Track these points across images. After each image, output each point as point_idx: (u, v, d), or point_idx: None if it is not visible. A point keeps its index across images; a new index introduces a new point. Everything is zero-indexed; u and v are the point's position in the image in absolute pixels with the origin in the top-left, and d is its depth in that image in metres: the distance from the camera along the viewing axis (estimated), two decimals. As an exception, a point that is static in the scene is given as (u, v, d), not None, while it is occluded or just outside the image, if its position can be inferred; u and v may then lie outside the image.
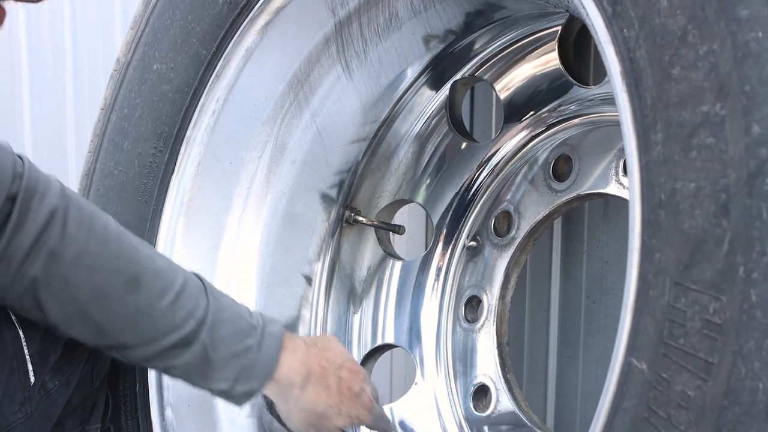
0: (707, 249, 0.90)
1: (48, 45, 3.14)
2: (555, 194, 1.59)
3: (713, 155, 0.91)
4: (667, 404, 0.92)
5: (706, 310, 0.90)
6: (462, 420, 1.65)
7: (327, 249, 1.73)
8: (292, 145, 1.63)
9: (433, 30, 1.54)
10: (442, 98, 1.67)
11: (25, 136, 3.31)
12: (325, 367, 1.40)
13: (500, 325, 1.66)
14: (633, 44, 1.00)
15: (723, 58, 0.92)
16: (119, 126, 1.65)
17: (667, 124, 0.96)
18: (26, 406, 1.39)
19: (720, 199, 0.90)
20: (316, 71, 1.57)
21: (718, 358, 0.88)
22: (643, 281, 0.96)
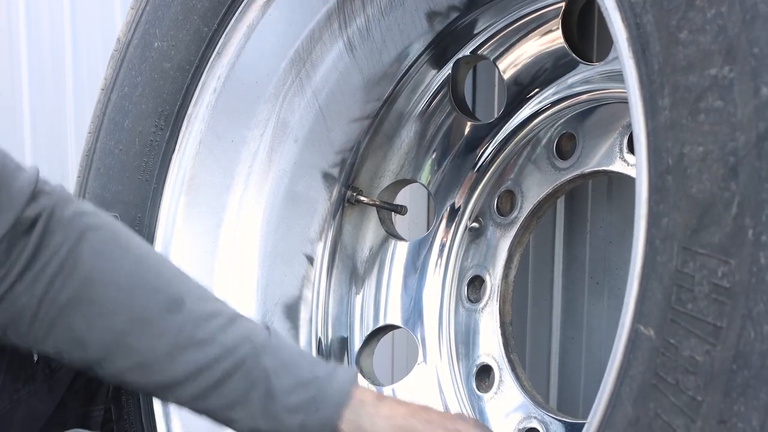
0: (715, 213, 0.89)
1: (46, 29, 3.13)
2: (558, 172, 1.58)
3: (722, 118, 0.90)
4: (675, 370, 0.91)
5: (715, 274, 0.89)
6: (465, 400, 1.65)
7: (329, 229, 1.72)
8: (294, 123, 1.62)
9: (436, 6, 1.53)
10: (444, 77, 1.66)
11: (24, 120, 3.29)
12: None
13: (503, 304, 1.65)
14: (639, 10, 0.99)
15: (731, 20, 0.91)
16: (120, 105, 1.64)
17: (674, 89, 0.95)
18: (30, 384, 1.38)
19: (728, 162, 0.89)
20: (318, 48, 1.56)
21: (726, 322, 0.87)
22: (651, 247, 0.95)
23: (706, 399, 0.88)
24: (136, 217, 1.59)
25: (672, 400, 0.90)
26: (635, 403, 0.94)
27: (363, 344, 1.74)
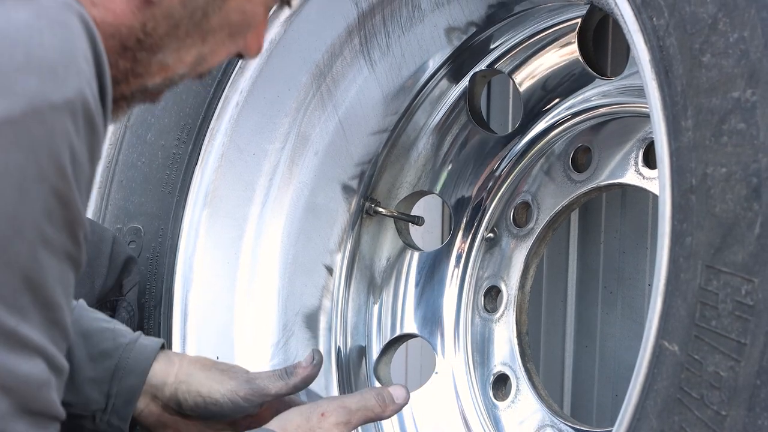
0: (739, 232, 0.92)
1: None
2: (574, 185, 1.61)
3: (744, 140, 0.93)
4: (699, 385, 0.94)
5: (738, 292, 0.92)
6: (482, 409, 1.67)
7: (348, 240, 1.74)
8: (314, 136, 1.64)
9: (455, 22, 1.55)
10: (461, 90, 1.69)
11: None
12: None
13: (520, 314, 1.67)
14: (662, 33, 1.02)
15: (753, 45, 0.94)
16: (142, 118, 1.66)
17: (697, 111, 0.98)
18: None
19: (751, 183, 0.92)
20: (339, 63, 1.59)
21: (750, 338, 0.90)
22: (674, 265, 0.98)
23: (731, 413, 0.90)
24: (159, 229, 1.61)
25: (697, 414, 0.93)
26: (660, 416, 0.97)
27: (380, 353, 1.76)
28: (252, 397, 1.29)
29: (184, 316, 1.61)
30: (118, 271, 1.56)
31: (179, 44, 0.97)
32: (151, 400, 1.31)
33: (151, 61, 0.97)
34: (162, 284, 1.61)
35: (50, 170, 0.79)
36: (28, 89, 0.77)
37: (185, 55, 0.98)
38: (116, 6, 0.92)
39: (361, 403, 1.26)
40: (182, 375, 1.31)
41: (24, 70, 0.77)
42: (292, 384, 1.31)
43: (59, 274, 0.84)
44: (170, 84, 1.02)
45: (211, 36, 0.99)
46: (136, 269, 1.58)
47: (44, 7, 0.80)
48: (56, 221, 0.81)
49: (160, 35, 0.95)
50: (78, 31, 0.82)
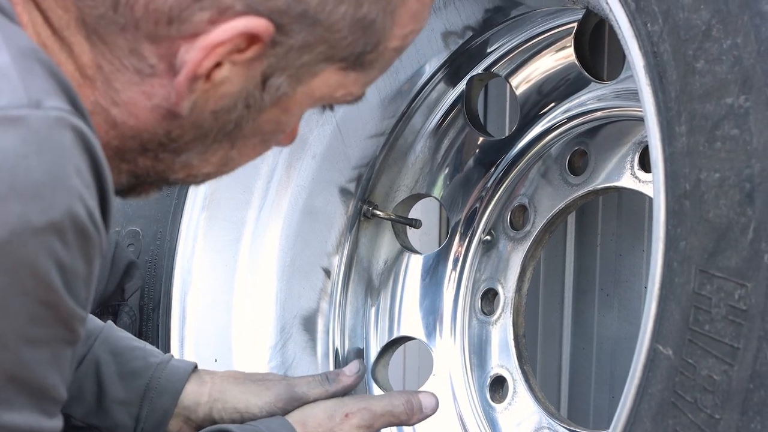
0: (732, 237, 0.93)
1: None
2: (571, 188, 1.62)
3: (738, 146, 0.94)
4: (693, 388, 0.94)
5: (732, 297, 0.92)
6: (479, 411, 1.68)
7: (345, 242, 1.75)
8: (312, 140, 1.65)
9: (452, 26, 1.56)
10: (458, 94, 1.70)
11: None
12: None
13: (516, 317, 1.68)
14: (657, 39, 1.03)
15: (747, 51, 0.94)
16: (140, 122, 1.67)
17: (691, 116, 0.98)
18: None
19: (745, 188, 0.92)
20: (337, 67, 1.59)
21: (743, 343, 0.91)
22: (668, 269, 0.98)
23: (724, 417, 0.91)
24: (157, 232, 1.62)
25: (690, 418, 0.94)
26: (654, 419, 0.97)
27: (378, 356, 1.77)
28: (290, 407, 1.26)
29: (183, 318, 1.61)
30: (120, 275, 1.57)
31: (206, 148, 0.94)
32: (184, 422, 1.26)
33: (174, 161, 0.94)
34: (160, 287, 1.62)
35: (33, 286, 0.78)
36: (10, 217, 0.76)
37: (211, 157, 0.96)
38: (140, 112, 0.89)
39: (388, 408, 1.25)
40: (216, 393, 1.26)
41: (7, 198, 0.76)
42: (332, 391, 1.29)
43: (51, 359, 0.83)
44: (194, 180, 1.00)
45: (242, 141, 0.96)
46: (138, 274, 1.59)
47: (33, 128, 0.77)
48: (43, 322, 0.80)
49: (186, 141, 0.93)
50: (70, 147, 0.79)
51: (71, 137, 0.79)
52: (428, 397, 1.29)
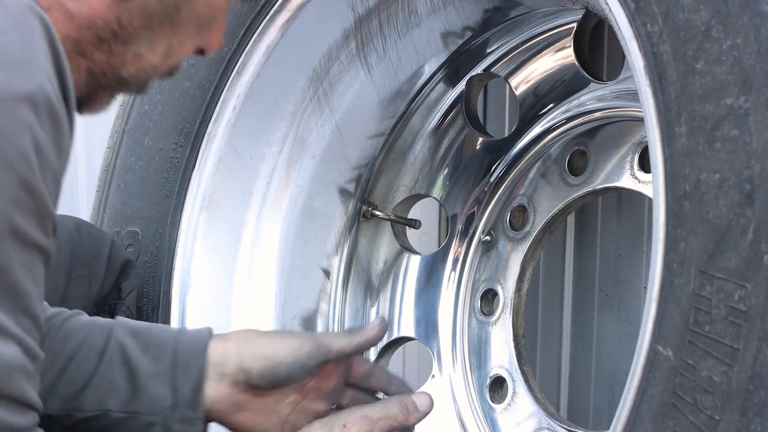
0: (732, 238, 0.93)
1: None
2: (570, 188, 1.62)
3: (737, 146, 0.93)
4: (693, 389, 0.94)
5: (732, 298, 0.92)
6: (479, 412, 1.68)
7: (345, 243, 1.75)
8: (311, 140, 1.65)
9: (452, 27, 1.56)
10: (457, 94, 1.69)
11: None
12: None
13: (516, 317, 1.68)
14: (657, 39, 1.03)
15: (747, 51, 0.94)
16: (140, 122, 1.67)
17: (691, 117, 0.98)
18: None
19: (744, 189, 0.92)
20: (336, 67, 1.59)
21: (743, 344, 0.91)
22: (668, 270, 0.98)
23: (724, 418, 0.91)
24: (156, 232, 1.62)
25: (690, 419, 0.94)
26: (654, 420, 0.97)
27: (378, 356, 1.77)
28: (317, 353, 1.25)
29: (182, 319, 1.61)
30: (116, 274, 1.56)
31: (152, 35, 1.04)
32: (219, 380, 1.24)
33: (125, 52, 1.04)
34: (160, 287, 1.62)
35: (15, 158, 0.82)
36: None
37: (157, 46, 1.05)
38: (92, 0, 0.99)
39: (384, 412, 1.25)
40: (242, 344, 1.25)
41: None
42: (355, 342, 1.27)
43: (28, 264, 0.86)
44: (144, 75, 1.08)
45: (181, 28, 1.06)
46: (134, 273, 1.59)
47: (10, 10, 0.85)
48: (25, 211, 0.84)
49: (135, 28, 1.02)
50: (39, 33, 0.86)
51: (39, 26, 0.86)
52: (422, 397, 1.29)
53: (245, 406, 1.26)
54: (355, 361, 1.32)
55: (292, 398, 1.27)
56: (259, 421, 1.27)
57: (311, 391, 1.28)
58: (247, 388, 1.25)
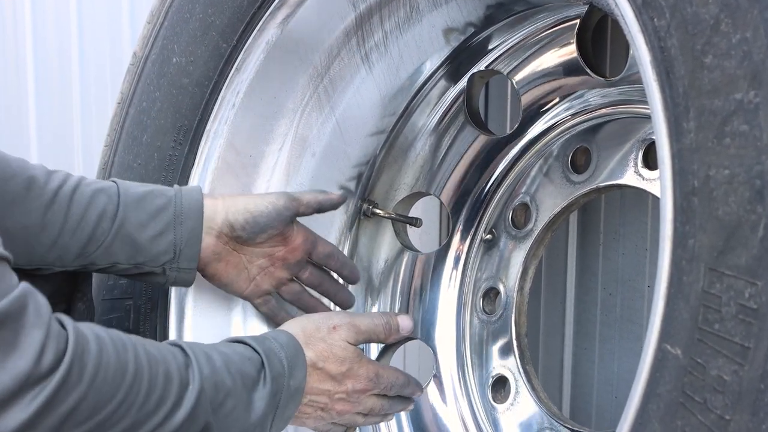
0: (742, 235, 0.91)
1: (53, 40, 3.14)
2: (573, 186, 1.60)
3: (747, 142, 0.92)
4: (702, 389, 0.93)
5: (742, 296, 0.91)
6: (481, 411, 1.66)
7: (345, 241, 1.73)
8: (311, 138, 1.63)
9: (453, 23, 1.54)
10: (459, 91, 1.68)
11: (30, 131, 3.31)
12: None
13: (518, 316, 1.66)
14: (664, 33, 1.01)
15: (756, 45, 0.93)
16: (138, 120, 1.65)
17: (699, 112, 0.97)
18: None
19: (755, 185, 0.91)
20: (337, 64, 1.58)
21: (754, 342, 0.89)
22: (677, 268, 0.97)
23: (734, 418, 0.89)
24: (155, 231, 1.60)
25: (700, 419, 0.92)
26: (662, 420, 0.96)
27: (379, 355, 1.75)
28: (290, 205, 1.48)
29: (180, 318, 1.60)
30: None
31: None
32: (207, 233, 1.45)
33: None
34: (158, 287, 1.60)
35: None
36: None
37: None
38: None
39: (370, 326, 1.46)
40: (228, 202, 1.47)
41: None
42: (320, 198, 1.52)
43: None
44: None
45: None
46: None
47: None
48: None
49: None
50: None
51: None
52: (405, 320, 1.51)
53: (223, 257, 1.48)
54: (320, 242, 1.56)
55: (261, 261, 1.51)
56: (231, 273, 1.50)
57: (279, 259, 1.52)
58: (228, 241, 1.47)
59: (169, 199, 1.44)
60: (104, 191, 1.42)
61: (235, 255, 1.50)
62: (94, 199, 1.41)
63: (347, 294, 1.65)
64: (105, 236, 1.40)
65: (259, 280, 1.53)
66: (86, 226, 1.40)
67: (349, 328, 1.42)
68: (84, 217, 1.40)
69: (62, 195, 1.39)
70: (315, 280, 1.58)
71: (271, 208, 1.47)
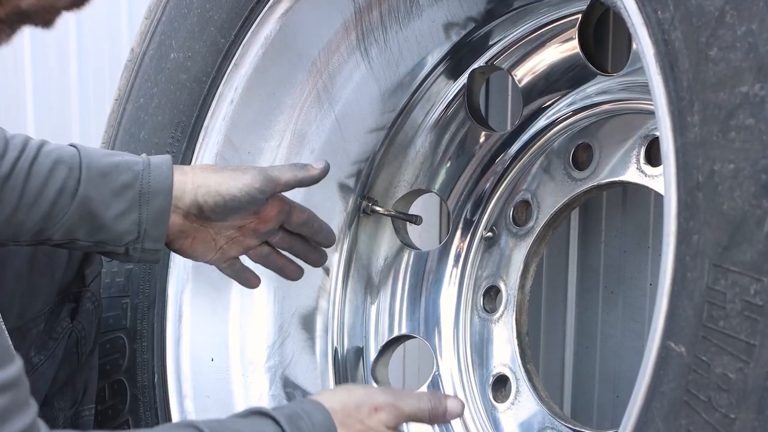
0: (747, 230, 0.90)
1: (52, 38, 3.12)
2: (574, 183, 1.59)
3: (753, 136, 0.91)
4: (707, 387, 0.91)
5: (747, 292, 0.89)
6: (481, 411, 1.65)
7: (344, 239, 1.72)
8: (310, 134, 1.62)
9: (454, 17, 1.53)
10: (459, 87, 1.67)
11: (29, 130, 3.29)
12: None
13: (519, 315, 1.65)
14: (668, 26, 1.00)
15: (762, 37, 0.91)
16: (135, 116, 1.64)
17: (704, 106, 0.95)
18: None
19: (760, 179, 0.89)
20: (336, 59, 1.56)
21: (759, 339, 0.88)
22: (681, 264, 0.95)
23: (739, 416, 0.88)
24: (152, 228, 1.58)
25: (704, 417, 0.91)
26: (666, 419, 0.94)
27: (378, 354, 1.74)
28: (266, 187, 1.39)
29: (179, 316, 1.59)
30: (79, 261, 1.53)
31: None
32: (173, 212, 1.38)
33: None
34: (156, 284, 1.59)
35: None
36: None
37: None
38: None
39: (415, 410, 1.28)
40: (198, 180, 1.39)
41: None
42: (300, 176, 1.42)
43: None
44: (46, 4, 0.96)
45: None
46: (98, 259, 1.55)
47: None
48: None
49: None
50: None
51: None
52: (455, 403, 1.32)
53: (189, 234, 1.41)
54: (295, 210, 1.47)
55: (230, 233, 1.43)
56: (197, 247, 1.43)
57: (249, 230, 1.44)
58: (195, 220, 1.40)
59: (136, 174, 1.36)
60: (65, 162, 1.34)
61: (203, 230, 1.42)
62: (54, 173, 1.33)
63: (319, 253, 1.54)
64: (64, 213, 1.33)
65: (226, 248, 1.45)
66: (44, 202, 1.32)
67: (392, 411, 1.25)
68: (42, 193, 1.32)
69: (19, 168, 1.32)
70: (285, 243, 1.50)
71: (245, 192, 1.38)
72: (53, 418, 1.52)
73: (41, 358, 1.46)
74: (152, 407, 1.54)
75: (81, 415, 1.57)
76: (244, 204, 1.39)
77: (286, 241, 1.50)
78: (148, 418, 1.55)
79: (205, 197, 1.38)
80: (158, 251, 1.39)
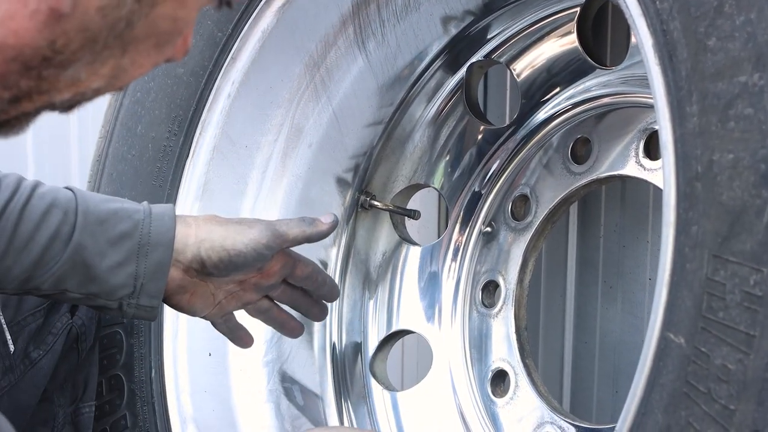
0: (747, 220, 0.89)
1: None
2: (573, 177, 1.58)
3: (752, 126, 0.90)
4: (706, 378, 0.91)
5: (747, 282, 0.89)
6: (480, 406, 1.64)
7: (342, 234, 1.71)
8: (308, 128, 1.61)
9: (452, 11, 1.52)
10: (457, 81, 1.66)
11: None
12: None
13: (518, 309, 1.64)
14: (666, 16, 0.99)
15: (761, 27, 0.91)
16: (132, 110, 1.63)
17: (703, 96, 0.95)
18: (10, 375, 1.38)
19: (760, 169, 0.89)
20: (333, 53, 1.56)
21: (759, 330, 0.87)
22: (680, 255, 0.95)
23: (739, 408, 0.88)
24: (149, 223, 1.58)
25: (704, 409, 0.90)
26: (666, 411, 0.94)
27: (376, 349, 1.73)
28: (273, 243, 1.33)
29: (177, 315, 1.57)
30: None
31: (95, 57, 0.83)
32: (173, 266, 1.30)
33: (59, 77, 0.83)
34: (153, 280, 1.58)
35: None
36: None
37: (100, 68, 0.84)
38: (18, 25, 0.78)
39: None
40: (202, 233, 1.32)
41: None
42: (308, 233, 1.37)
43: None
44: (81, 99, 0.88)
45: (134, 46, 0.84)
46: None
47: None
48: None
49: (73, 51, 0.81)
50: None
51: None
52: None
53: (188, 289, 1.33)
54: (299, 264, 1.41)
55: (230, 287, 1.37)
56: (195, 302, 1.35)
57: (250, 285, 1.38)
58: (196, 275, 1.33)
59: (136, 223, 1.29)
60: (60, 206, 1.27)
61: (202, 285, 1.35)
62: (48, 216, 1.26)
63: (321, 307, 1.50)
64: (56, 261, 1.25)
65: (225, 303, 1.39)
66: (35, 248, 1.24)
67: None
68: (33, 238, 1.24)
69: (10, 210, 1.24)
70: (286, 297, 1.45)
71: (251, 247, 1.31)
72: (52, 414, 1.51)
73: (40, 352, 1.45)
74: (149, 402, 1.54)
75: (81, 412, 1.56)
76: (250, 260, 1.32)
77: (288, 294, 1.44)
78: (146, 413, 1.54)
79: (208, 252, 1.31)
80: (154, 308, 1.31)
